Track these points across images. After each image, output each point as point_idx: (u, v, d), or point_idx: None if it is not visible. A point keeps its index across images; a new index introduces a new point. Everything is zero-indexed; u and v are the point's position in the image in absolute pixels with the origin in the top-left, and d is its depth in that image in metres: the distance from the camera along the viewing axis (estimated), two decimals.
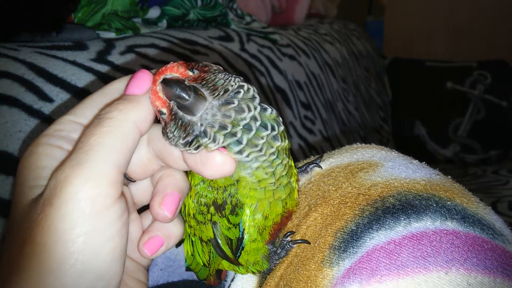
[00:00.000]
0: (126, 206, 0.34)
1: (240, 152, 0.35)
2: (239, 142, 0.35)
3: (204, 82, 0.35)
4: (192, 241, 0.44)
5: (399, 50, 2.84)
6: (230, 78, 0.36)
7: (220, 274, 0.48)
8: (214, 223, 0.40)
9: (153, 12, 1.03)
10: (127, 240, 0.34)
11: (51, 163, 0.35)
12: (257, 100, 0.36)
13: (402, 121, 2.35)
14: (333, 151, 0.48)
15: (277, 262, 0.42)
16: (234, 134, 0.34)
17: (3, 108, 0.61)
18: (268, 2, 1.64)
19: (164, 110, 0.35)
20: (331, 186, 0.42)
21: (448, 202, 0.36)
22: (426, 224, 0.35)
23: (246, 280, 0.46)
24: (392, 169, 0.41)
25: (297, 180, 0.43)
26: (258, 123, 0.35)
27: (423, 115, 2.30)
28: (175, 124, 0.35)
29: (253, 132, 0.35)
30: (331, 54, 1.76)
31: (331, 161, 0.46)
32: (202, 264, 0.45)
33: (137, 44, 0.88)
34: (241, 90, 0.35)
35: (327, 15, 2.35)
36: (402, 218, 0.35)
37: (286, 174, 0.39)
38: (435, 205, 0.36)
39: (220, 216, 0.39)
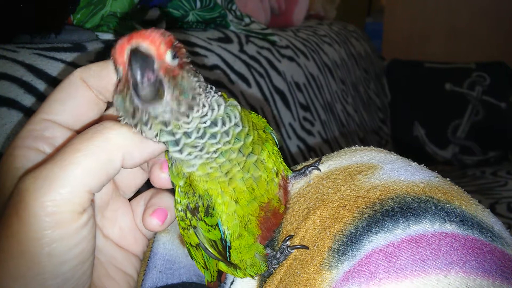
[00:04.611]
0: (93, 211, 0.35)
1: (180, 151, 0.36)
2: (176, 143, 0.36)
3: (174, 80, 0.33)
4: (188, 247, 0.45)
5: (398, 51, 2.84)
6: (200, 85, 0.36)
7: (220, 277, 0.48)
8: (195, 227, 0.40)
9: (152, 14, 1.03)
10: (95, 240, 0.35)
11: (27, 164, 0.35)
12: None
13: (401, 122, 2.36)
14: (332, 154, 0.48)
15: (276, 266, 0.42)
16: (173, 135, 0.35)
17: (2, 109, 0.61)
18: (267, 4, 1.64)
19: (120, 69, 0.34)
20: (330, 189, 0.42)
21: (447, 205, 0.36)
22: (425, 227, 0.35)
23: (246, 283, 0.46)
24: (391, 171, 0.41)
25: (284, 177, 0.43)
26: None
27: (422, 116, 2.30)
28: (122, 97, 0.34)
29: (190, 140, 0.36)
30: (330, 55, 1.77)
31: (330, 164, 0.46)
32: (202, 267, 0.46)
33: None
34: (200, 95, 0.36)
35: (326, 17, 2.35)
36: (401, 221, 0.35)
37: (242, 169, 0.39)
38: (434, 207, 0.36)
39: (197, 220, 0.40)
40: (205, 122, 0.36)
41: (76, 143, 0.33)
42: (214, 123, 0.37)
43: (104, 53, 0.80)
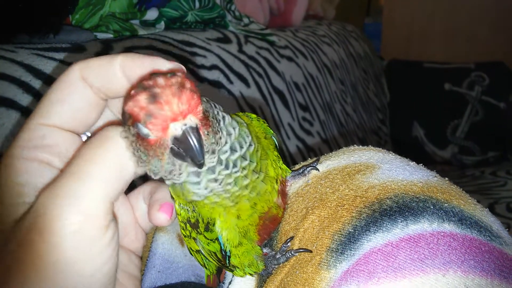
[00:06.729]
0: (117, 225, 0.33)
1: (198, 184, 0.34)
2: (198, 182, 0.34)
3: (208, 132, 0.32)
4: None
5: (397, 51, 2.85)
6: (220, 125, 0.34)
7: (219, 275, 0.49)
8: (195, 238, 0.41)
9: (151, 14, 1.03)
10: (118, 258, 0.33)
11: (30, 179, 0.32)
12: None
13: (400, 122, 2.36)
14: (330, 153, 0.48)
15: (275, 266, 0.42)
16: (198, 175, 0.34)
17: (0, 109, 0.61)
18: (266, 4, 1.64)
19: (146, 132, 0.30)
20: (328, 189, 0.42)
21: (445, 204, 0.36)
22: (423, 226, 0.35)
23: (244, 283, 0.46)
24: (389, 171, 0.41)
25: (282, 181, 0.43)
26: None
27: (421, 116, 2.30)
28: (158, 159, 0.31)
29: (214, 175, 0.34)
30: (329, 55, 1.77)
31: (328, 164, 0.46)
32: (201, 265, 0.47)
33: (135, 46, 0.88)
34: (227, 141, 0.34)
35: (325, 17, 2.35)
36: (399, 220, 0.35)
37: (250, 191, 0.38)
38: (432, 207, 0.36)
39: (197, 233, 0.40)
40: (225, 152, 0.34)
41: (87, 153, 0.31)
42: (233, 149, 0.35)
43: (103, 53, 0.80)
